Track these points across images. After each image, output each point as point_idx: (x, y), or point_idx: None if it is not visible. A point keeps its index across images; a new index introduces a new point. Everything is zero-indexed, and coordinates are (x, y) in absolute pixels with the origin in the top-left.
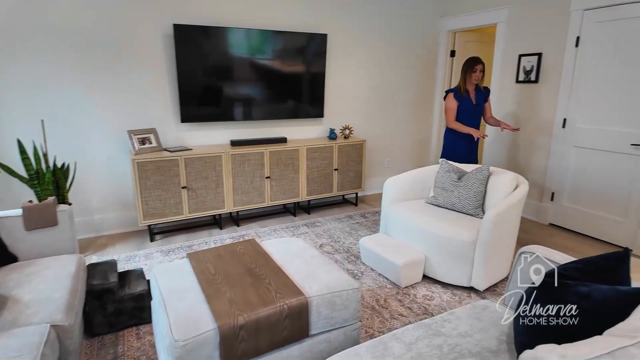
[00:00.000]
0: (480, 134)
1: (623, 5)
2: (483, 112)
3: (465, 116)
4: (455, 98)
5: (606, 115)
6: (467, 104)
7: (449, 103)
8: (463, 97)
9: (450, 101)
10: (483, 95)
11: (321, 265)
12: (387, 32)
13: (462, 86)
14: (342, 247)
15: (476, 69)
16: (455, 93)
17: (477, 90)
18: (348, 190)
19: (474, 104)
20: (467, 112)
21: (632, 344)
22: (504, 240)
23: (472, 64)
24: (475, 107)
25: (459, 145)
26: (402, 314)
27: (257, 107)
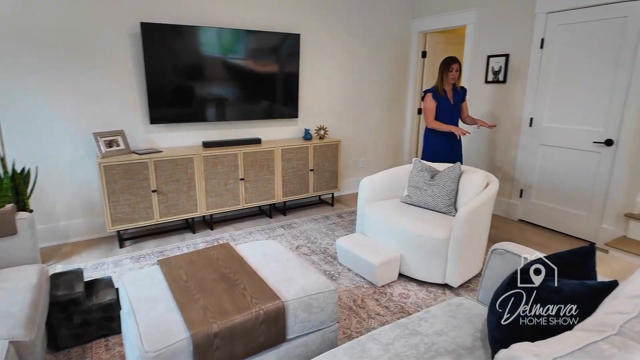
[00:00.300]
0: (461, 131)
1: (583, 9)
2: (460, 111)
3: (444, 116)
4: (434, 98)
5: (570, 114)
6: (445, 103)
7: (428, 103)
8: (441, 97)
9: (429, 101)
10: (460, 95)
11: (297, 268)
12: (361, 33)
13: (439, 86)
14: (318, 248)
15: (452, 68)
16: (433, 93)
17: (454, 90)
18: (324, 191)
19: (452, 104)
20: (445, 112)
21: (602, 338)
22: (476, 237)
23: (449, 64)
24: (453, 107)
25: (440, 145)
26: (379, 314)
27: (230, 107)
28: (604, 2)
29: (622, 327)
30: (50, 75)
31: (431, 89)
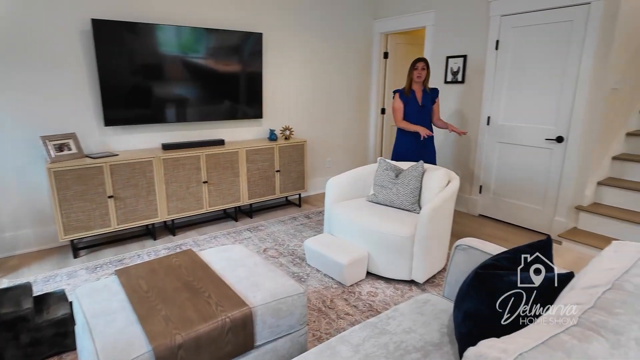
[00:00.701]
0: (426, 132)
1: (533, 12)
2: (432, 113)
3: (412, 117)
4: (401, 98)
5: (524, 112)
6: (413, 104)
7: (395, 103)
8: (408, 98)
9: (397, 101)
10: (430, 96)
11: (265, 272)
12: (324, 33)
13: (407, 86)
14: (286, 250)
15: (417, 66)
16: (400, 93)
17: (423, 92)
18: (291, 192)
19: (419, 105)
20: (413, 112)
21: (562, 330)
22: (440, 233)
23: (414, 62)
24: (422, 108)
25: (409, 144)
26: (349, 313)
27: (191, 108)
28: (551, 7)
29: (580, 318)
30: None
31: (398, 90)
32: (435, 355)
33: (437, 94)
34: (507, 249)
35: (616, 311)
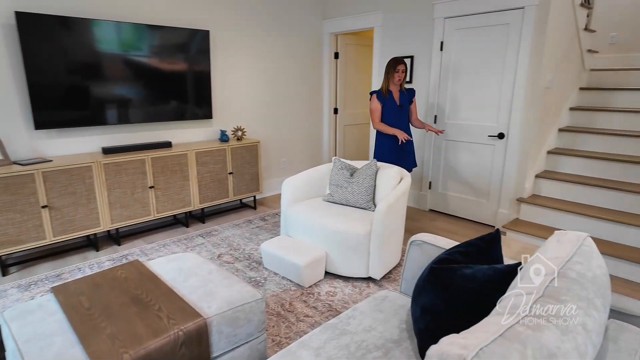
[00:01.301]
0: (404, 136)
1: (473, 15)
2: (409, 113)
3: (390, 118)
4: (379, 99)
5: (468, 111)
6: (391, 105)
7: (373, 104)
8: (386, 98)
9: (374, 102)
10: (407, 96)
11: (220, 280)
12: (274, 32)
13: (384, 87)
14: (242, 254)
15: (398, 69)
16: (378, 94)
17: (400, 92)
18: (245, 194)
19: (397, 105)
20: (391, 113)
21: (517, 321)
22: (394, 230)
23: (395, 65)
24: (400, 109)
25: (387, 146)
26: (308, 315)
27: (134, 108)
28: (489, 10)
29: (532, 308)
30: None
31: (375, 90)
32: (396, 351)
33: (414, 94)
34: (459, 243)
35: (563, 298)
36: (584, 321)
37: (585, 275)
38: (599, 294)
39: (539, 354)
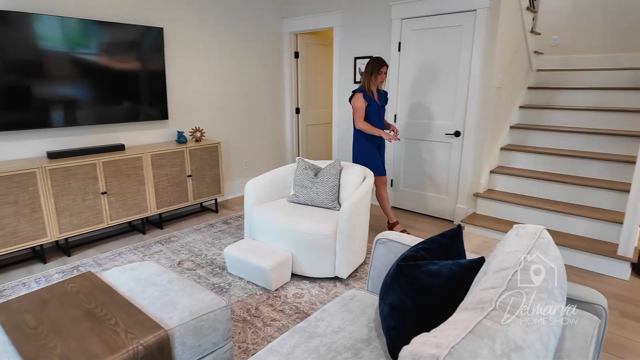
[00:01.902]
0: (392, 137)
1: (428, 17)
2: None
3: (373, 118)
4: (365, 98)
5: (426, 110)
6: (374, 105)
7: (359, 102)
8: (370, 99)
9: (360, 100)
10: (384, 97)
11: (182, 289)
12: (232, 31)
13: (367, 87)
14: (204, 260)
15: (382, 71)
16: (364, 93)
17: (378, 92)
18: (206, 197)
19: (379, 106)
20: (374, 114)
21: (484, 316)
22: (359, 228)
23: (379, 67)
24: (380, 109)
25: (369, 149)
26: (275, 319)
27: (83, 110)
28: (444, 12)
29: (497, 302)
30: None
31: (360, 89)
32: (366, 351)
33: (387, 95)
34: (423, 239)
35: (525, 291)
36: (546, 312)
37: (544, 267)
38: (557, 285)
39: (507, 348)
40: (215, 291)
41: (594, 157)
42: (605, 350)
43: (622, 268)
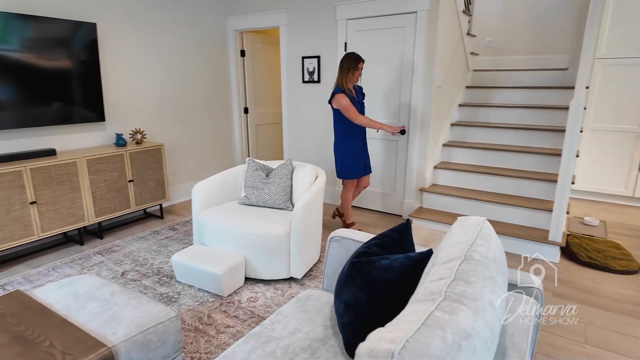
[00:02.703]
0: (394, 129)
1: (373, 18)
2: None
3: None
4: (347, 95)
5: (374, 109)
6: (355, 103)
7: (345, 100)
8: (351, 96)
9: (345, 99)
10: (361, 93)
11: (126, 302)
12: (174, 28)
13: (344, 85)
14: (150, 269)
15: (359, 67)
16: (344, 92)
17: (355, 88)
18: (150, 203)
19: (359, 103)
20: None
21: (435, 307)
22: (313, 227)
23: (356, 63)
24: (361, 106)
25: (358, 151)
26: (229, 325)
27: (5, 111)
28: (387, 14)
29: (446, 292)
30: None
31: (338, 88)
32: (322, 350)
33: (362, 90)
34: (375, 235)
35: (471, 280)
36: (491, 299)
37: (487, 256)
38: (499, 272)
39: (458, 336)
40: (163, 301)
41: (526, 150)
42: (540, 329)
43: (552, 252)
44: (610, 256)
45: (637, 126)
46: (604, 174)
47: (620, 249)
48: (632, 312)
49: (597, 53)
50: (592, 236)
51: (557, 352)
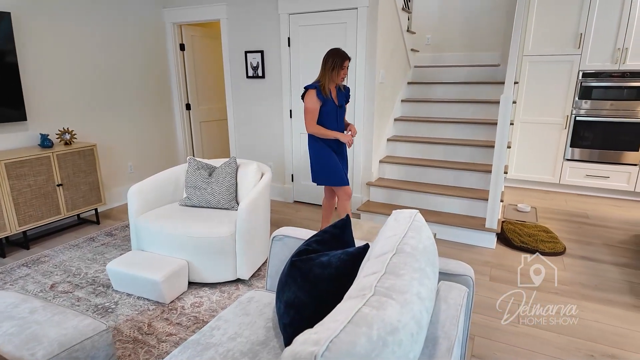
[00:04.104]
0: (349, 139)
1: (315, 13)
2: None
3: (329, 120)
4: (319, 97)
5: None
6: (331, 105)
7: (310, 102)
8: (326, 98)
9: (313, 101)
10: (344, 95)
11: (48, 318)
12: (105, 19)
13: (325, 84)
14: (84, 279)
15: (345, 65)
16: (317, 90)
17: (337, 89)
18: (84, 208)
19: (337, 106)
20: (330, 115)
21: (364, 303)
22: (260, 226)
23: (342, 60)
24: (339, 110)
25: (328, 156)
26: (172, 333)
27: None
28: (327, 9)
29: (376, 287)
30: None
31: (315, 84)
32: (263, 353)
33: (349, 91)
34: (316, 232)
35: (401, 272)
36: (419, 290)
37: (417, 248)
38: (429, 263)
39: (383, 332)
40: (98, 313)
41: (464, 143)
42: (477, 312)
43: (489, 238)
44: (540, 240)
45: (561, 118)
46: (534, 163)
47: (549, 232)
48: (558, 290)
49: (525, 50)
50: (524, 222)
51: (493, 333)
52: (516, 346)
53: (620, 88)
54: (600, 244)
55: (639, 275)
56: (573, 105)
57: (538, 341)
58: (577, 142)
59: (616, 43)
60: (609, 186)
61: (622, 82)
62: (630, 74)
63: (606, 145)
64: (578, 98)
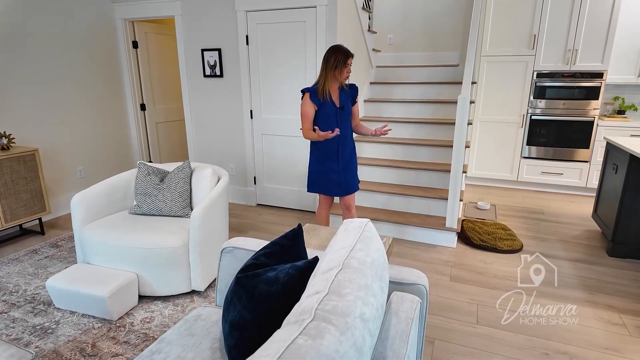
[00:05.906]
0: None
1: (273, 11)
2: (352, 117)
3: (328, 124)
4: (312, 100)
5: (279, 105)
6: (329, 108)
7: (304, 107)
8: (324, 101)
9: (306, 105)
10: (349, 95)
11: None
12: (47, 14)
13: (324, 86)
14: (22, 297)
15: (348, 63)
16: (312, 94)
17: (340, 89)
18: (25, 218)
19: (337, 107)
20: (329, 118)
21: (300, 332)
22: (216, 234)
23: (345, 57)
24: (340, 111)
25: (320, 162)
26: (118, 353)
27: None
28: (285, 7)
29: (317, 310)
30: None
31: (312, 87)
32: None
33: (357, 91)
34: (267, 242)
35: (345, 292)
36: (362, 312)
37: (365, 262)
38: (377, 277)
39: None
40: (35, 335)
41: (424, 143)
42: (437, 313)
43: (450, 238)
44: (499, 237)
45: (518, 117)
46: (494, 161)
47: (507, 230)
48: (514, 288)
49: (483, 51)
50: (484, 219)
51: (452, 336)
52: (475, 348)
53: (572, 88)
54: (554, 240)
55: (590, 270)
56: (529, 104)
57: (495, 342)
58: (533, 140)
59: (567, 44)
60: (563, 182)
61: (573, 82)
62: (580, 74)
63: (560, 143)
64: (533, 97)
